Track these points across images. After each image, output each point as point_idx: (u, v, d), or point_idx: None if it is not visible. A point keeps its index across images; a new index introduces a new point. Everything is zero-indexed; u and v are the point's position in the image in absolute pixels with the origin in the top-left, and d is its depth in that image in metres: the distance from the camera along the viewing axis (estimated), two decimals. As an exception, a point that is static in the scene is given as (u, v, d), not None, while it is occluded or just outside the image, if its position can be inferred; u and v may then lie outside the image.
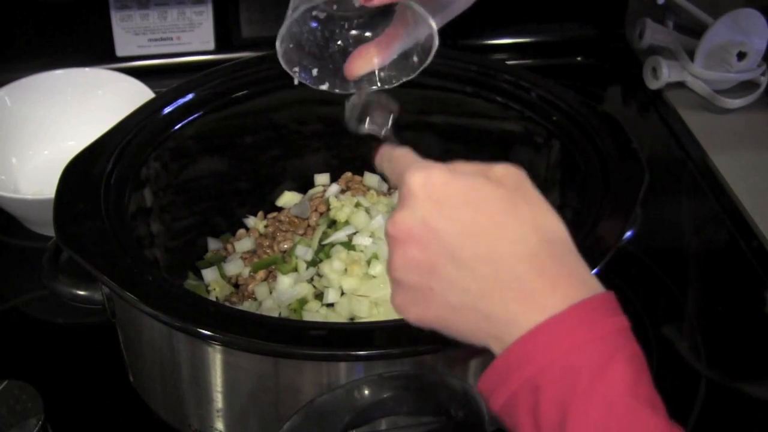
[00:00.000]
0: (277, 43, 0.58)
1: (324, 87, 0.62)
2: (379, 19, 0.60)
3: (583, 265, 0.47)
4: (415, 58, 0.61)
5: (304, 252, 0.79)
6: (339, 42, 0.62)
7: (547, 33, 1.20)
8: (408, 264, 0.47)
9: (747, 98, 1.08)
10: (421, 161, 0.49)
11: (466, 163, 0.49)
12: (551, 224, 0.47)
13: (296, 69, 0.60)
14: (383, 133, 0.61)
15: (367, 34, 0.61)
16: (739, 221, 0.93)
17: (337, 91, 0.62)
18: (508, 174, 0.48)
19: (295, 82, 0.61)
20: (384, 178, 0.85)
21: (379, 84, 0.61)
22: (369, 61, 0.60)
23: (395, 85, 0.61)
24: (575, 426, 0.41)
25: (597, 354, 0.43)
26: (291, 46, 0.60)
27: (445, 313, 0.47)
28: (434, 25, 0.57)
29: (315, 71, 0.61)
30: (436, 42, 0.58)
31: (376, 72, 0.61)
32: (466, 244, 0.45)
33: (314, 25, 0.61)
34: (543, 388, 0.43)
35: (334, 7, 0.57)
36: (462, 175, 0.47)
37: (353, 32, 0.61)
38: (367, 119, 0.61)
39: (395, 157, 0.51)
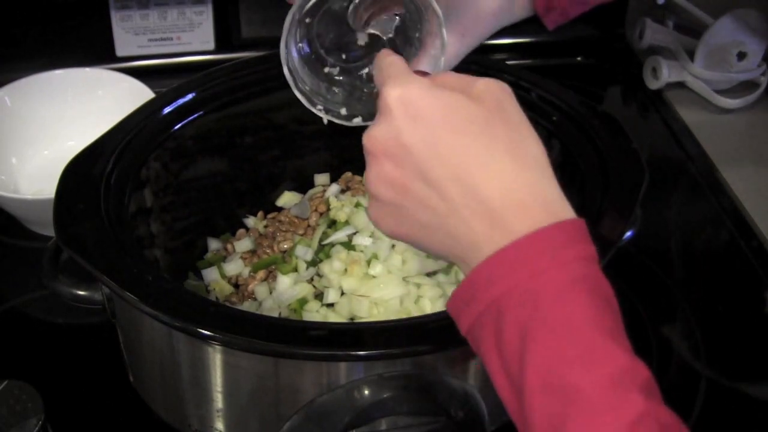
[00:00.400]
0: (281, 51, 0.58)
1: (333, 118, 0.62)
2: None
3: (557, 190, 0.46)
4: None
5: (304, 252, 0.79)
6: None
7: (547, 33, 1.19)
8: (382, 179, 0.47)
9: (747, 98, 1.08)
10: (403, 74, 0.48)
11: (451, 75, 0.49)
12: (528, 146, 0.47)
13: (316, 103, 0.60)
14: (387, 35, 0.60)
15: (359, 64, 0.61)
16: (739, 221, 0.93)
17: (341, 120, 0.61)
18: (489, 90, 0.47)
19: (325, 121, 0.61)
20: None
21: None
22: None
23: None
24: (533, 351, 0.41)
25: (559, 280, 0.42)
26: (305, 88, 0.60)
27: (415, 230, 0.47)
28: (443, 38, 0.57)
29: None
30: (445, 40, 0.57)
31: None
32: (436, 163, 0.45)
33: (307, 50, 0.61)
34: (505, 311, 0.42)
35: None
36: (441, 91, 0.46)
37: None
38: (372, 21, 0.60)
39: (382, 66, 0.50)
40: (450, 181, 0.45)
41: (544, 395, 0.40)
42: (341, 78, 0.61)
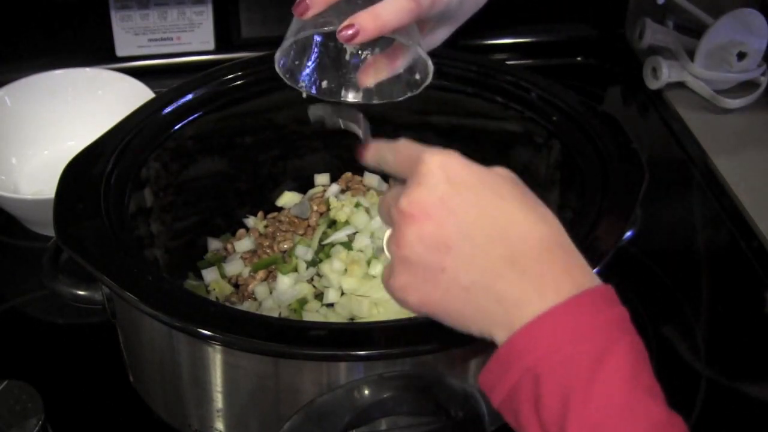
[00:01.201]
0: (277, 56, 0.59)
1: (316, 94, 0.63)
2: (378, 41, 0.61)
3: (581, 256, 0.48)
4: (417, 76, 0.62)
5: (304, 252, 0.79)
6: (341, 61, 0.63)
7: (547, 33, 1.20)
8: (423, 241, 0.47)
9: (747, 98, 1.08)
10: (434, 148, 0.50)
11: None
12: (549, 213, 0.49)
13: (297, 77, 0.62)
14: (362, 133, 0.61)
15: (367, 53, 0.62)
16: (739, 221, 0.93)
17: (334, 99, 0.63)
18: (507, 171, 0.50)
19: (303, 95, 0.63)
20: (384, 178, 0.85)
21: (387, 98, 0.62)
22: (379, 71, 0.61)
23: (402, 99, 0.62)
24: (576, 415, 0.41)
25: (597, 343, 0.43)
26: (294, 62, 0.61)
27: (453, 296, 0.47)
28: (423, 53, 0.59)
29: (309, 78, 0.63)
30: (431, 65, 0.59)
31: (384, 86, 0.62)
32: (483, 224, 0.46)
33: (316, 45, 0.62)
34: (543, 377, 0.43)
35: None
36: (473, 163, 0.49)
37: (356, 52, 0.63)
38: (340, 120, 0.63)
39: (401, 146, 0.52)
40: (498, 242, 0.46)
41: None
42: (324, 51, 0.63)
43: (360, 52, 0.63)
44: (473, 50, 0.78)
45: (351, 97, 0.63)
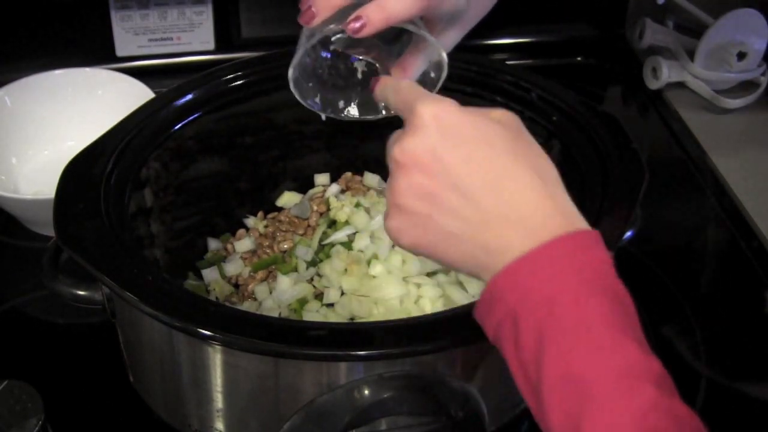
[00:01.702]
0: (290, 73, 0.59)
1: (332, 115, 0.63)
2: (390, 46, 0.61)
3: (572, 204, 0.49)
4: (432, 74, 0.62)
5: (304, 252, 0.79)
6: (354, 70, 0.63)
7: (547, 33, 1.20)
8: (413, 189, 0.48)
9: (747, 98, 1.08)
10: (430, 94, 0.50)
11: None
12: (545, 164, 0.49)
13: (309, 101, 0.62)
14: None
15: (378, 66, 0.63)
16: (739, 221, 0.93)
17: (349, 116, 0.63)
18: (507, 116, 0.50)
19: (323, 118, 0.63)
20: (384, 178, 0.85)
21: None
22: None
23: None
24: (549, 352, 0.43)
25: (573, 283, 0.44)
26: (304, 77, 0.61)
27: (440, 241, 0.48)
28: (440, 48, 0.59)
29: (321, 99, 0.63)
30: (446, 60, 0.59)
31: None
32: (472, 175, 0.47)
33: (326, 54, 0.62)
34: (522, 317, 0.44)
35: (346, 36, 0.57)
36: (468, 111, 0.49)
37: (367, 60, 0.63)
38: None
39: (403, 87, 0.52)
40: (486, 193, 0.47)
41: (560, 393, 0.42)
42: (336, 58, 0.63)
43: (372, 67, 0.63)
44: (473, 50, 0.78)
45: (370, 115, 0.63)
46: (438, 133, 0.48)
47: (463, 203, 0.47)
